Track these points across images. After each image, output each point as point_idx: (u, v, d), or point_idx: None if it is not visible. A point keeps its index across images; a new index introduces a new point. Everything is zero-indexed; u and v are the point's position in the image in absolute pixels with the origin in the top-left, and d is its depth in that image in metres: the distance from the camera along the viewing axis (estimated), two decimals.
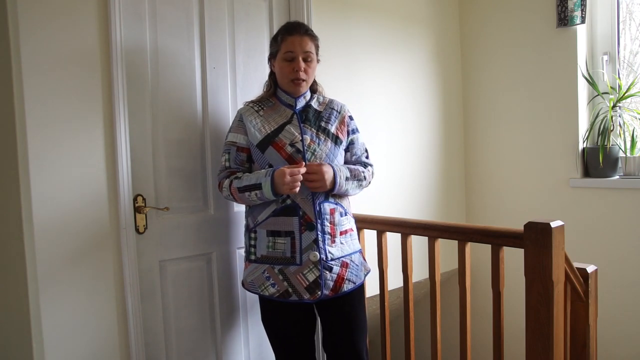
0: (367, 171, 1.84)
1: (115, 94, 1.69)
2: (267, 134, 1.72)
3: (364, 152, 1.90)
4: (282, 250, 1.69)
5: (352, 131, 1.85)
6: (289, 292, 1.68)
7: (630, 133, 2.66)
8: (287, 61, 1.73)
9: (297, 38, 1.72)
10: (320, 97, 1.87)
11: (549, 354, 1.55)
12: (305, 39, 1.73)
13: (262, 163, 1.73)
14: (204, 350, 1.99)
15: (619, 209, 2.64)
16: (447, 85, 3.12)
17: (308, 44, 1.73)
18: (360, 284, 1.79)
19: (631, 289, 2.63)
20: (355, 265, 1.77)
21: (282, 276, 1.69)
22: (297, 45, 1.71)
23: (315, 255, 1.67)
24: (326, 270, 1.69)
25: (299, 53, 1.72)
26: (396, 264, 2.14)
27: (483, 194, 3.18)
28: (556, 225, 1.53)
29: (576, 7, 2.66)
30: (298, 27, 1.75)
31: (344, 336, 1.76)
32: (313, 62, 1.77)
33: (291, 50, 1.71)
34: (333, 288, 1.70)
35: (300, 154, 1.70)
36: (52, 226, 1.58)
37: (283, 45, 1.73)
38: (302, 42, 1.72)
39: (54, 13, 1.58)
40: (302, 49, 1.72)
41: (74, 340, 1.63)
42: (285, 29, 1.76)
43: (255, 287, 1.73)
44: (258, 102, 1.82)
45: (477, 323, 2.85)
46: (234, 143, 1.78)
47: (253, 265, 1.75)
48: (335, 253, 1.72)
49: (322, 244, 1.69)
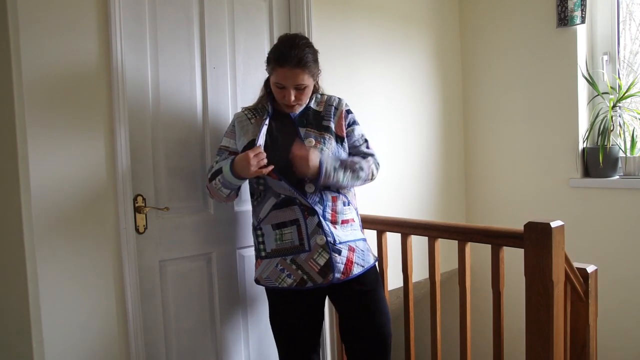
0: (365, 161, 1.77)
1: (115, 94, 1.69)
2: (251, 140, 1.72)
3: (363, 142, 1.84)
4: (290, 239, 1.71)
5: (349, 124, 1.82)
6: (304, 279, 1.70)
7: (630, 133, 2.66)
8: (278, 88, 1.68)
9: (288, 71, 1.62)
10: (318, 96, 1.84)
11: (549, 354, 1.55)
12: (295, 73, 1.62)
13: None
14: (204, 350, 1.99)
15: (619, 209, 2.64)
16: (447, 85, 3.12)
17: (299, 77, 1.63)
18: (370, 267, 1.78)
19: (631, 289, 2.63)
20: (360, 250, 1.77)
21: (295, 265, 1.70)
22: (288, 79, 1.63)
23: (321, 238, 1.68)
24: (335, 253, 1.69)
25: (289, 86, 1.65)
26: (396, 264, 2.14)
27: (483, 194, 3.18)
28: (556, 225, 1.53)
29: (576, 7, 2.65)
30: (289, 58, 1.60)
31: (365, 319, 1.75)
32: (307, 89, 1.69)
33: (281, 83, 1.65)
34: (344, 271, 1.71)
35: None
36: (52, 226, 1.58)
37: (274, 73, 1.66)
38: (292, 76, 1.62)
39: (54, 14, 1.58)
40: (293, 82, 1.64)
41: (74, 340, 1.63)
42: (276, 57, 1.63)
43: (272, 282, 1.74)
44: (252, 110, 1.81)
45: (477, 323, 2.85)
46: (226, 147, 1.80)
47: (265, 261, 1.76)
48: (342, 236, 1.72)
49: (327, 227, 1.70)
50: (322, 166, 1.64)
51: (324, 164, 1.65)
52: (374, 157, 1.84)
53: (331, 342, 2.34)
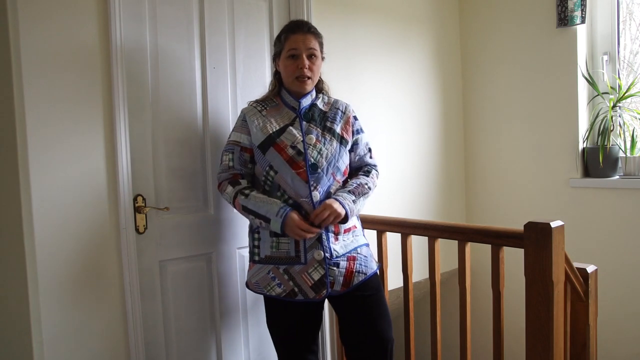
0: (370, 179, 1.82)
1: (115, 93, 1.69)
2: (269, 135, 1.72)
3: (368, 152, 1.89)
4: (286, 250, 1.69)
5: (356, 131, 1.84)
6: (295, 291, 1.68)
7: (630, 133, 2.66)
8: (291, 59, 1.73)
9: (300, 36, 1.72)
10: (326, 97, 1.86)
11: (549, 354, 1.55)
12: (308, 37, 1.73)
13: (264, 164, 1.72)
14: (204, 350, 1.99)
15: (619, 209, 2.64)
16: (447, 85, 3.12)
17: (312, 41, 1.74)
18: (373, 274, 1.77)
19: (631, 289, 2.63)
20: (363, 256, 1.76)
21: (287, 276, 1.68)
22: (301, 42, 1.72)
23: (319, 253, 1.67)
24: (333, 267, 1.68)
25: (302, 50, 1.72)
26: (396, 264, 2.14)
27: (483, 194, 3.18)
28: (556, 225, 1.53)
29: (576, 7, 2.65)
30: (301, 25, 1.76)
31: (366, 324, 1.73)
32: (318, 60, 1.76)
33: (295, 48, 1.72)
34: (344, 283, 1.70)
35: (302, 156, 1.69)
36: (52, 226, 1.58)
37: (287, 43, 1.73)
38: (305, 39, 1.72)
39: (54, 13, 1.58)
40: (306, 46, 1.72)
41: (74, 340, 1.63)
42: (289, 27, 1.77)
43: (261, 288, 1.73)
44: (262, 102, 1.81)
45: (477, 323, 2.85)
46: (237, 143, 1.76)
47: (257, 266, 1.74)
48: (340, 250, 1.71)
49: (327, 242, 1.69)
50: (347, 214, 1.68)
51: (348, 211, 1.68)
52: (375, 167, 1.89)
53: (331, 344, 2.34)
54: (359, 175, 1.82)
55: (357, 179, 1.79)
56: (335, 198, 1.68)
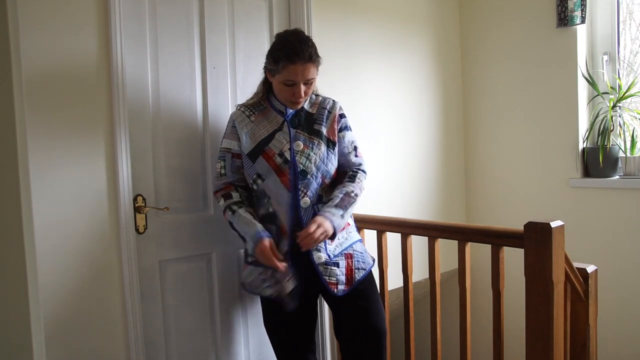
0: (356, 185, 1.74)
1: (115, 94, 1.69)
2: (258, 143, 1.71)
3: (353, 150, 1.81)
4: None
5: (340, 129, 1.78)
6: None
7: (630, 133, 2.66)
8: (287, 85, 1.64)
9: (300, 67, 1.59)
10: (313, 96, 1.81)
11: (549, 354, 1.55)
12: (307, 67, 1.61)
13: (251, 172, 1.73)
14: (204, 350, 1.99)
15: (619, 209, 2.64)
16: (447, 85, 3.12)
17: (310, 70, 1.62)
18: (371, 269, 1.79)
19: (631, 289, 2.63)
20: (359, 253, 1.78)
21: (274, 279, 1.69)
22: (300, 74, 1.60)
23: (320, 256, 1.68)
24: (334, 267, 1.69)
25: (301, 81, 1.62)
26: (396, 264, 2.14)
27: (483, 194, 3.18)
28: (556, 225, 1.53)
29: (576, 7, 2.65)
30: (301, 53, 1.59)
31: (359, 318, 1.74)
32: (314, 82, 1.69)
33: (292, 80, 1.62)
34: (347, 282, 1.71)
35: (288, 164, 1.68)
36: (52, 226, 1.58)
37: (284, 71, 1.61)
38: (304, 71, 1.60)
39: (54, 12, 1.58)
40: (305, 77, 1.62)
41: (74, 340, 1.63)
42: (287, 55, 1.59)
43: (253, 289, 1.75)
44: (250, 107, 1.79)
45: (477, 323, 2.85)
46: (229, 150, 1.78)
47: (250, 267, 1.77)
48: (336, 250, 1.73)
49: (324, 243, 1.69)
50: (335, 231, 1.64)
51: (336, 229, 1.64)
52: (361, 167, 1.82)
53: (331, 341, 2.34)
54: (345, 183, 1.75)
55: (343, 188, 1.72)
56: (325, 215, 1.64)
